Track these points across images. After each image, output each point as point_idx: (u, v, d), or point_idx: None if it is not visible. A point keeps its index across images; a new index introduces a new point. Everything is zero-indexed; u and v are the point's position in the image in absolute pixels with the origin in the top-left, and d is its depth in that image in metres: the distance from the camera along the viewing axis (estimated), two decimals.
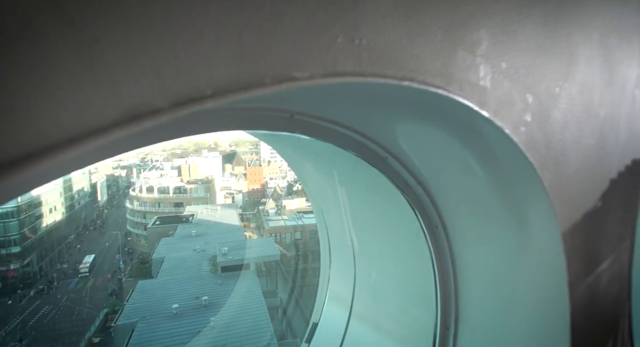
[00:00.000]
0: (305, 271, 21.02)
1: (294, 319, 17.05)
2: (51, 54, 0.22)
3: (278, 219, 26.72)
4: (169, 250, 21.25)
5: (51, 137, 0.23)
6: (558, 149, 0.74)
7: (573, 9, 0.77)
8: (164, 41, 0.27)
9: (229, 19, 0.29)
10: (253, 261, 17.95)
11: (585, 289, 0.93)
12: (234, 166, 44.73)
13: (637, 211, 1.36)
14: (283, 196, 35.85)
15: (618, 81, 1.04)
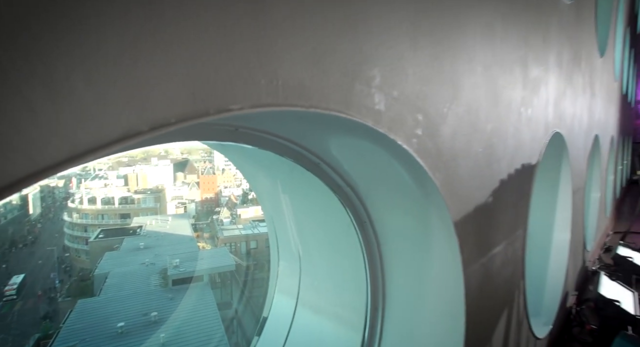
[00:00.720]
0: (262, 280, 20.75)
1: (249, 330, 16.74)
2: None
3: (233, 228, 26.14)
4: (114, 265, 19.89)
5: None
6: (448, 156, 0.96)
7: (459, 47, 1.00)
8: (134, 79, 0.40)
9: (188, 73, 0.43)
10: (207, 272, 17.38)
11: (479, 268, 1.16)
12: (186, 175, 43.13)
13: (528, 206, 1.66)
14: (238, 204, 35.15)
15: (504, 102, 1.31)
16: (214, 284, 18.78)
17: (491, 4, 1.18)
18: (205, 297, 15.56)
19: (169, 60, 0.41)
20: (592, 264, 3.59)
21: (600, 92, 3.74)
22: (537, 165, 1.72)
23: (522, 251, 1.60)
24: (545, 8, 1.71)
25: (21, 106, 0.29)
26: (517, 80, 1.42)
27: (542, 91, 1.75)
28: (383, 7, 0.72)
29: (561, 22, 2.03)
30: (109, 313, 14.55)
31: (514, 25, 1.37)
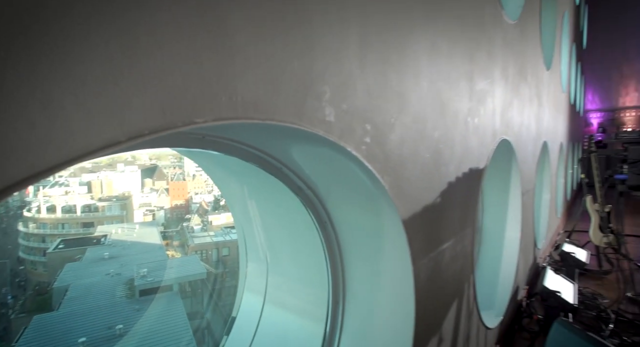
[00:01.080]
0: (234, 288, 20.39)
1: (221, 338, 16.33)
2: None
3: (204, 236, 25.57)
4: (76, 277, 18.85)
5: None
6: (396, 161, 1.08)
7: (405, 64, 1.13)
8: (115, 98, 0.48)
9: (159, 92, 0.52)
10: (176, 281, 16.90)
11: (428, 262, 1.29)
12: (155, 181, 41.80)
13: (477, 205, 1.83)
14: (209, 211, 34.44)
15: (450, 112, 1.46)
16: (184, 293, 18.27)
17: (437, 25, 1.32)
18: (174, 307, 15.11)
19: (144, 81, 0.49)
20: (542, 260, 3.88)
21: (547, 103, 4.06)
22: (485, 169, 1.89)
23: (471, 247, 1.76)
24: (489, 27, 1.90)
25: (23, 122, 0.37)
26: (463, 92, 1.58)
27: (488, 102, 1.93)
28: (333, 30, 0.83)
29: (506, 40, 2.24)
30: (69, 328, 13.77)
31: (459, 43, 1.53)
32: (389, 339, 1.23)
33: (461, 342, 1.65)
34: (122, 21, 0.47)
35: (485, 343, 2.03)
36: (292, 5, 0.72)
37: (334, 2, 0.83)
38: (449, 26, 1.42)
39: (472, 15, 1.65)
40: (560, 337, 2.00)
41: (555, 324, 2.00)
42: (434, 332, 1.37)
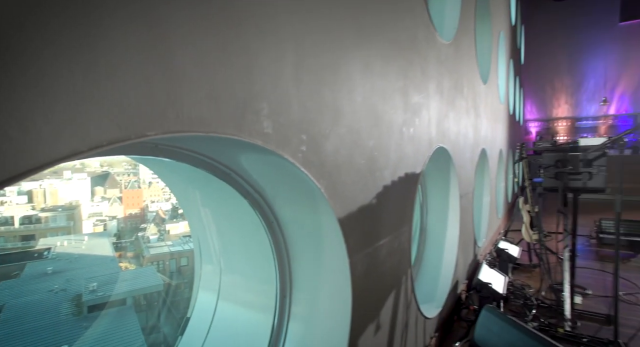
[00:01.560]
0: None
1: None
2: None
3: (161, 246, 24.52)
4: (12, 295, 17.31)
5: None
6: (332, 166, 1.23)
7: (339, 82, 1.30)
8: (78, 115, 0.58)
9: (115, 109, 0.63)
10: (130, 294, 16.08)
11: (364, 256, 1.46)
12: (107, 189, 39.53)
13: (413, 206, 2.03)
14: (167, 219, 33.10)
15: (385, 123, 1.65)
16: (138, 307, 17.36)
17: (370, 48, 1.51)
18: (128, 322, 14.34)
19: (102, 101, 0.60)
20: (483, 257, 4.23)
21: (485, 113, 4.48)
22: (421, 173, 2.11)
23: (408, 243, 1.96)
24: (423, 47, 2.14)
25: (3, 136, 0.47)
26: (397, 106, 1.78)
27: (424, 114, 2.16)
28: (270, 55, 0.97)
29: (440, 58, 2.51)
30: None
31: (393, 63, 1.73)
32: (330, 324, 1.37)
33: (399, 329, 1.84)
34: (84, 50, 0.57)
35: (425, 331, 2.24)
36: (234, 35, 0.86)
37: (271, 31, 0.97)
38: (382, 48, 1.61)
39: (405, 38, 1.87)
40: (487, 322, 2.24)
41: (483, 310, 2.25)
42: (371, 319, 1.53)
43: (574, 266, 2.84)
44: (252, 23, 0.90)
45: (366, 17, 1.47)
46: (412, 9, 1.96)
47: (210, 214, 1.56)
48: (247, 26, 0.90)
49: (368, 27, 1.49)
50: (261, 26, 0.94)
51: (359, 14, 1.41)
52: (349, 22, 1.35)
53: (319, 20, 1.17)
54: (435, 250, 3.01)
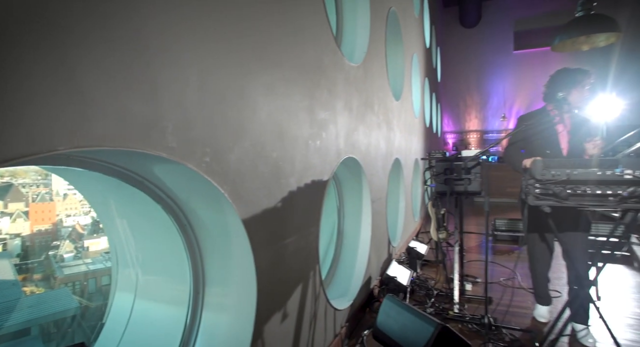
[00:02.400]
0: None
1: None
2: None
3: (78, 264, 22.27)
4: None
5: None
6: (235, 174, 1.44)
7: (242, 102, 1.51)
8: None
9: (30, 126, 0.77)
10: (36, 322, 14.37)
11: (269, 253, 1.67)
12: (9, 203, 34.87)
13: (320, 210, 2.31)
14: (86, 235, 30.14)
15: (290, 137, 1.90)
16: (47, 335, 15.50)
17: (273, 71, 1.75)
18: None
19: (14, 120, 0.74)
20: (398, 256, 4.70)
21: (399, 127, 5.01)
22: (329, 181, 2.40)
23: (316, 242, 2.22)
24: (330, 70, 2.45)
25: None
26: (303, 122, 2.04)
27: (331, 128, 2.47)
28: (175, 77, 1.16)
29: (348, 79, 2.85)
30: None
31: (298, 84, 1.99)
32: (238, 313, 1.56)
33: (307, 319, 2.07)
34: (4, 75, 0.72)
35: (335, 321, 2.51)
36: (139, 62, 1.03)
37: (175, 59, 1.15)
38: (287, 73, 1.86)
39: (311, 63, 2.15)
40: (387, 309, 2.58)
41: (385, 299, 2.59)
42: (277, 309, 1.74)
43: (462, 259, 3.35)
44: (157, 51, 1.08)
45: (271, 46, 1.71)
46: (317, 38, 2.25)
47: (125, 220, 1.66)
48: (152, 53, 1.07)
49: (272, 54, 1.73)
50: (166, 54, 1.12)
51: (263, 42, 1.65)
52: (252, 50, 1.57)
53: (222, 48, 1.38)
54: (350, 250, 3.34)
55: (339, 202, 3.41)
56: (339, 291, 3.00)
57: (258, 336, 1.57)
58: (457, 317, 3.02)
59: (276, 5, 1.79)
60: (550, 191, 2.25)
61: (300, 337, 2.00)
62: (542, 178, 2.25)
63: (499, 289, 3.81)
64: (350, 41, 3.42)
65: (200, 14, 1.26)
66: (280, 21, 1.81)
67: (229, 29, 1.41)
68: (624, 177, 2.07)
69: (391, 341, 2.42)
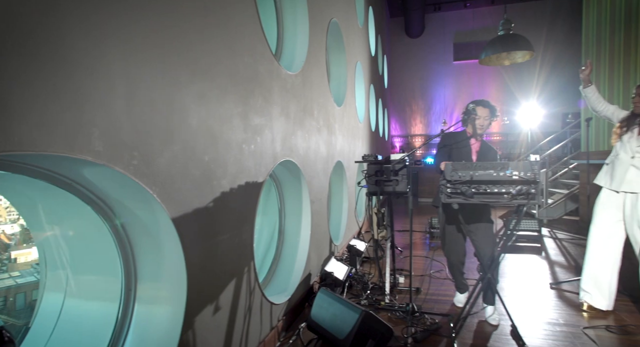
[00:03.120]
0: None
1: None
2: None
3: (2, 278, 20.27)
4: None
5: None
6: (165, 176, 1.55)
7: (171, 109, 1.62)
8: None
9: None
10: None
11: (200, 250, 1.79)
12: None
13: (255, 209, 2.45)
14: (13, 245, 27.42)
15: (222, 141, 2.03)
16: None
17: (205, 80, 1.87)
18: None
19: None
20: (340, 254, 4.95)
21: (341, 131, 5.28)
22: (264, 182, 2.56)
23: (251, 240, 2.36)
24: (265, 79, 2.61)
25: None
26: (237, 127, 2.18)
27: (266, 133, 2.63)
28: (101, 88, 1.26)
29: (286, 87, 3.03)
30: None
31: (231, 92, 2.13)
32: (170, 305, 1.66)
33: (242, 312, 2.21)
34: None
35: (271, 314, 2.67)
36: (63, 73, 1.12)
37: (102, 70, 1.25)
38: (220, 82, 2.00)
39: (245, 73, 2.30)
40: (320, 301, 2.78)
41: (319, 292, 2.79)
42: (209, 302, 1.87)
43: (393, 253, 3.66)
44: (82, 61, 1.18)
45: (203, 57, 1.84)
46: (252, 49, 2.41)
47: (54, 222, 1.69)
48: (77, 64, 1.16)
49: (205, 64, 1.86)
50: (91, 65, 1.21)
51: (195, 54, 1.77)
52: (184, 60, 1.69)
53: (153, 59, 1.49)
54: (291, 248, 3.51)
55: (280, 203, 3.57)
56: (279, 286, 3.16)
57: (189, 326, 1.69)
58: (387, 307, 3.30)
59: (211, 19, 1.91)
60: (459, 190, 2.59)
61: (234, 329, 2.13)
62: (451, 179, 2.58)
63: (428, 281, 4.18)
64: (290, 51, 3.60)
65: (129, 26, 1.36)
66: (213, 34, 1.94)
67: (161, 42, 1.53)
68: (512, 177, 2.45)
69: (323, 330, 2.63)
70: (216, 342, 1.94)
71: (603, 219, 3.10)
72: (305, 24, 3.66)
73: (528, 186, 2.47)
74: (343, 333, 2.42)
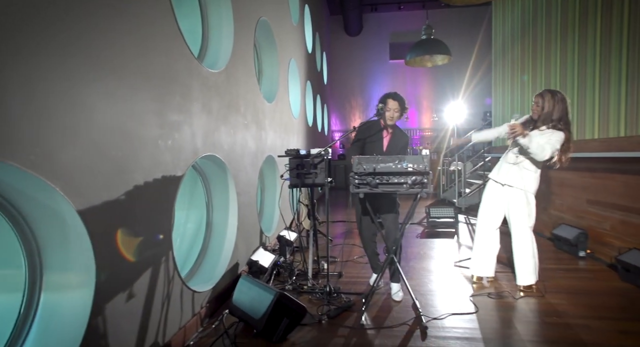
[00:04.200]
0: None
1: None
2: None
3: None
4: None
5: None
6: (71, 170, 1.63)
7: (76, 106, 1.70)
8: None
9: None
10: None
11: (111, 240, 1.89)
12: None
13: (174, 201, 2.57)
14: None
15: (135, 137, 2.12)
16: None
17: (114, 78, 1.95)
18: None
19: None
20: (273, 244, 5.16)
21: (272, 127, 5.46)
22: (183, 176, 2.67)
23: (169, 230, 2.48)
24: (184, 77, 2.71)
25: None
26: (151, 124, 2.28)
27: (185, 129, 2.73)
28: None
29: (207, 84, 3.14)
30: None
31: (144, 90, 2.22)
32: (78, 293, 1.75)
33: (159, 299, 2.33)
34: None
35: (193, 302, 2.80)
36: None
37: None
38: (131, 80, 2.08)
39: (161, 71, 2.39)
40: (241, 286, 2.98)
41: (240, 279, 2.98)
42: (122, 289, 1.97)
43: (317, 242, 3.96)
44: None
45: (110, 56, 1.92)
46: (168, 48, 2.50)
47: None
48: None
49: (113, 64, 1.93)
50: None
51: (100, 52, 1.84)
52: (89, 59, 1.76)
53: (54, 58, 1.55)
54: (218, 239, 3.64)
55: (207, 196, 3.68)
56: (204, 276, 3.29)
57: (98, 313, 1.79)
58: (309, 290, 3.59)
59: (117, 19, 1.99)
60: (365, 181, 2.91)
61: (151, 315, 2.24)
62: (357, 171, 2.89)
63: (352, 266, 4.56)
64: (215, 49, 3.70)
65: (28, 23, 1.42)
66: (121, 34, 2.02)
67: (64, 40, 1.59)
68: (407, 169, 2.83)
69: (243, 313, 2.84)
70: (130, 327, 2.05)
71: (486, 205, 3.66)
72: (230, 23, 3.77)
73: (422, 176, 2.87)
74: (259, 314, 2.64)
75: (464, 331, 2.79)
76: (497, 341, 2.64)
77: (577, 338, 2.63)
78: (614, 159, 4.13)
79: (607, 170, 4.36)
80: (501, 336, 2.71)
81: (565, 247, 4.82)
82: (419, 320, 2.93)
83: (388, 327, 2.86)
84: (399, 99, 3.51)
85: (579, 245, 4.55)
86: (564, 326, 2.82)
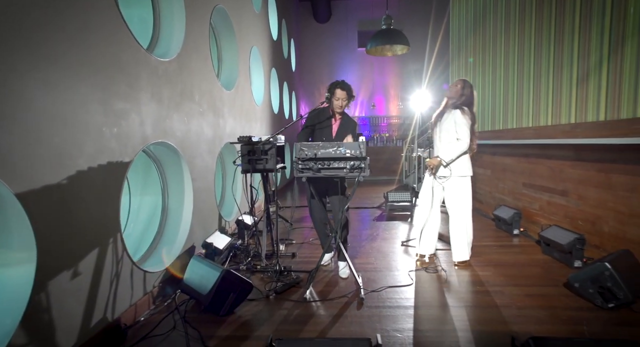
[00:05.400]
0: None
1: None
2: None
3: None
4: None
5: None
6: (5, 156, 1.74)
7: (10, 95, 1.79)
8: None
9: None
10: None
11: (59, 221, 2.01)
12: None
13: (121, 186, 2.69)
14: None
15: (78, 125, 2.22)
16: None
17: (51, 67, 2.04)
18: None
19: None
20: (233, 229, 5.33)
21: (232, 114, 5.55)
22: (131, 162, 2.78)
23: (116, 214, 2.60)
24: (130, 66, 2.79)
25: None
26: (95, 111, 2.37)
27: (133, 117, 2.83)
28: None
29: (157, 73, 3.22)
30: None
31: (86, 79, 2.30)
32: (20, 270, 1.87)
33: (107, 278, 2.47)
34: None
35: (144, 281, 2.96)
36: None
37: None
38: (71, 69, 2.16)
39: (104, 60, 2.47)
40: (192, 266, 3.15)
41: (191, 259, 3.15)
42: (66, 267, 2.10)
43: (269, 224, 4.17)
44: None
45: (47, 46, 2.00)
46: (112, 37, 2.57)
47: None
48: None
49: (50, 53, 2.01)
50: None
51: (36, 42, 1.93)
52: (24, 48, 1.85)
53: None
54: (173, 224, 3.78)
55: (163, 182, 3.78)
56: (159, 258, 3.44)
57: (41, 289, 1.92)
58: (262, 270, 3.81)
59: (51, 10, 2.06)
60: (308, 166, 3.13)
61: (99, 292, 2.39)
62: (300, 156, 3.10)
63: (306, 247, 4.81)
64: (167, 38, 3.75)
65: None
66: (58, 24, 2.09)
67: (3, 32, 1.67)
68: (346, 154, 3.06)
69: (192, 290, 3.02)
70: (76, 303, 2.20)
71: (425, 188, 3.98)
72: (182, 12, 3.82)
73: (359, 161, 3.11)
74: (207, 290, 2.83)
75: (397, 301, 3.10)
76: (425, 308, 2.96)
77: (491, 302, 3.01)
78: (543, 145, 4.55)
79: (538, 156, 4.79)
80: (429, 304, 3.04)
81: (503, 226, 5.27)
82: (357, 293, 3.22)
83: (329, 300, 3.14)
84: (346, 88, 3.72)
85: (514, 224, 5.00)
86: (483, 293, 3.20)
